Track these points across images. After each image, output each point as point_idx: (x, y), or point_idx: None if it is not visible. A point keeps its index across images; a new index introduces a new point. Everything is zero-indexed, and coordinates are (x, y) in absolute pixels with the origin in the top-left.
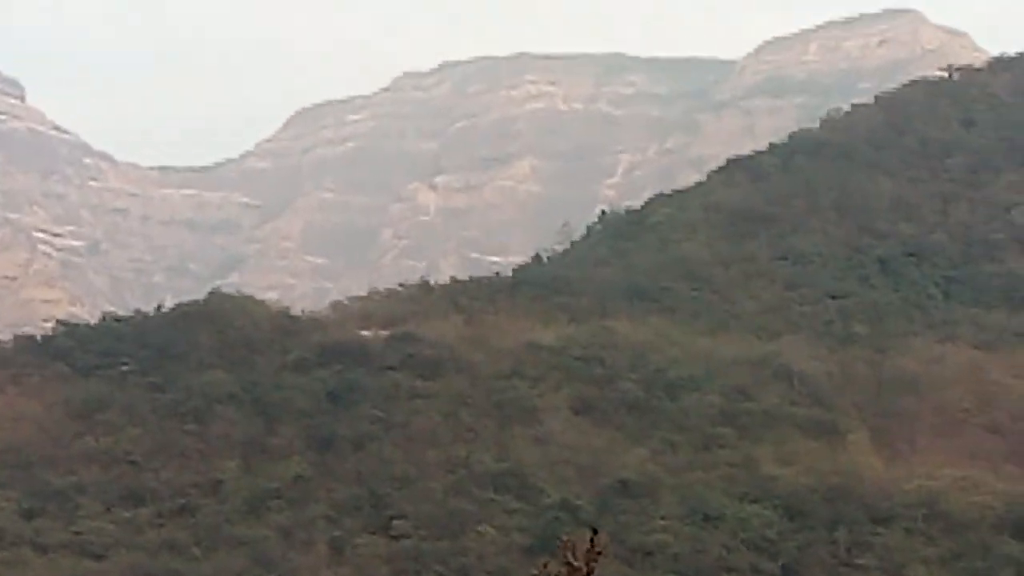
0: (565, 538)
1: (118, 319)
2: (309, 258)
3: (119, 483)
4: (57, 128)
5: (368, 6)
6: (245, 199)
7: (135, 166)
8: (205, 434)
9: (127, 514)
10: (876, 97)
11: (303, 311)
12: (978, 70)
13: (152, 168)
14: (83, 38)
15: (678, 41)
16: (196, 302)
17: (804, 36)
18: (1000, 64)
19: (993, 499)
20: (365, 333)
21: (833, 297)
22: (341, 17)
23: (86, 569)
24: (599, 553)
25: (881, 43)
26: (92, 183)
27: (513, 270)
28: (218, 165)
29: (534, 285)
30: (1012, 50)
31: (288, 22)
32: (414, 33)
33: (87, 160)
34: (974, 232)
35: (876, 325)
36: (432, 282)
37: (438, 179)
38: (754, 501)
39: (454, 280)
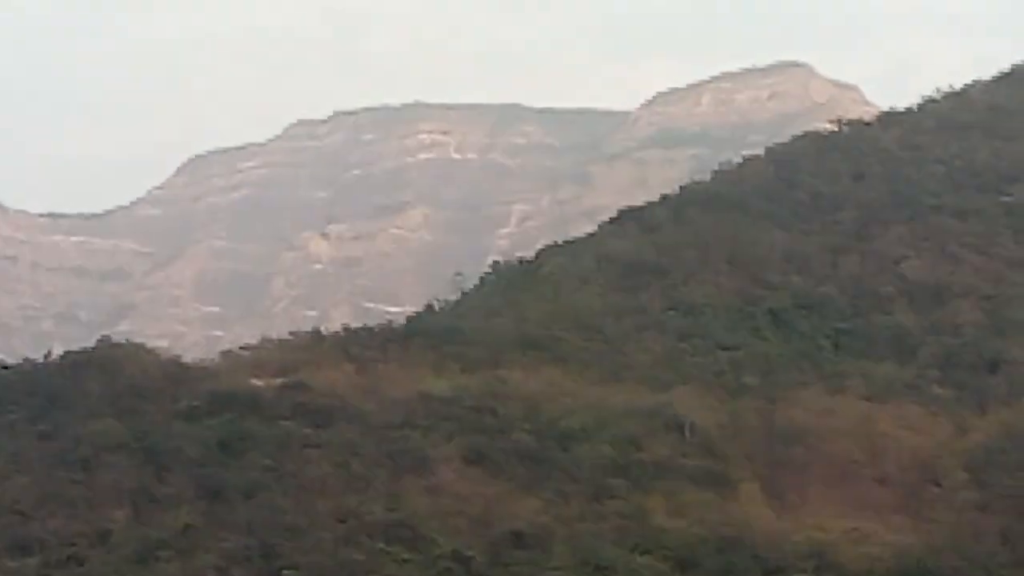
0: None
1: (6, 367)
2: (200, 306)
3: (6, 533)
4: None
5: (260, 53)
6: (136, 246)
7: (23, 212)
8: (94, 483)
9: (13, 564)
10: (767, 150)
11: (194, 359)
12: (868, 124)
13: (42, 215)
14: None
15: (571, 92)
16: (86, 350)
17: (696, 89)
18: (890, 118)
19: (882, 550)
20: (256, 382)
21: (724, 348)
22: (232, 63)
23: None
24: None
25: (772, 96)
26: None
27: (406, 319)
28: (108, 212)
29: (426, 335)
30: (901, 104)
31: (178, 69)
32: (307, 81)
33: None
34: (864, 284)
35: (767, 376)
36: (324, 331)
37: (331, 228)
38: (646, 552)
39: (346, 329)
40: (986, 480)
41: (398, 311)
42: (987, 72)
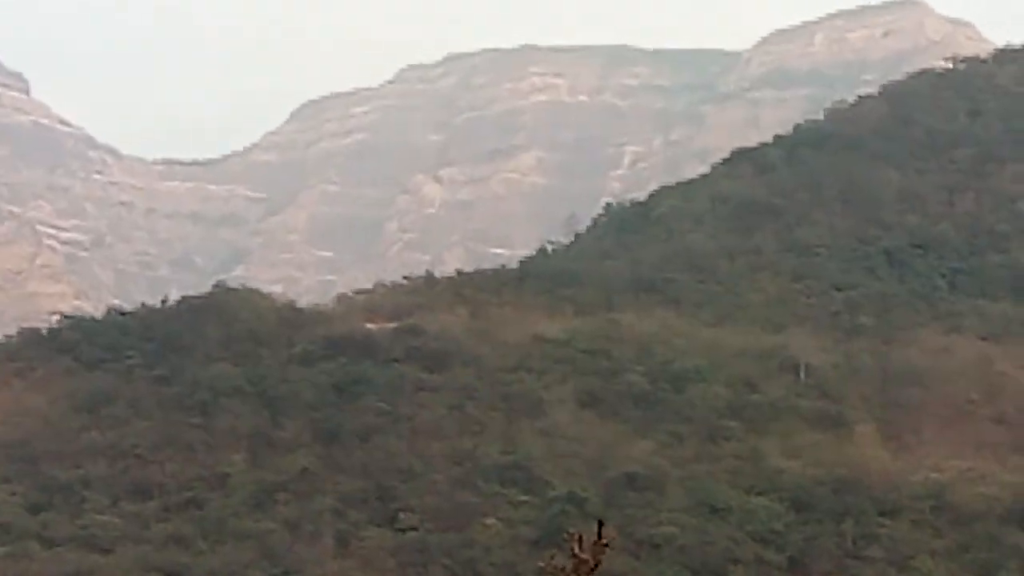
0: (572, 531)
1: (123, 313)
2: (314, 251)
3: (125, 477)
4: (62, 122)
5: None
6: (250, 192)
7: (140, 160)
8: (211, 427)
9: (133, 508)
10: (881, 88)
11: (308, 304)
12: (983, 61)
13: (156, 162)
14: (87, 31)
15: (683, 33)
16: (201, 295)
17: (809, 28)
18: (1005, 55)
19: (999, 490)
20: (370, 326)
21: (839, 289)
22: (345, 9)
23: (92, 563)
24: (606, 545)
25: (886, 34)
26: (97, 176)
27: (519, 262)
28: (223, 158)
29: (539, 278)
30: (1017, 41)
31: (292, 14)
32: (419, 25)
33: (91, 154)
34: (980, 223)
35: (882, 317)
36: (437, 275)
37: (443, 171)
38: (760, 493)
39: (459, 273)
40: None
41: (511, 254)
42: None
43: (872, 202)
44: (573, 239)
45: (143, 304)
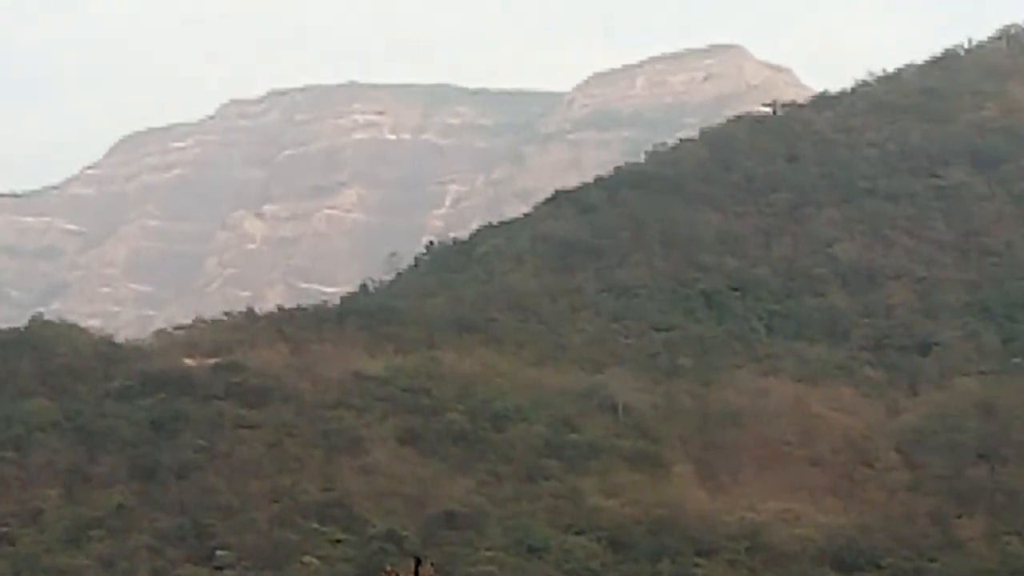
0: (389, 568)
1: None
2: (133, 286)
3: None
4: None
5: (194, 33)
6: (68, 225)
7: None
8: (25, 462)
9: None
10: (701, 132)
11: (127, 339)
12: (801, 106)
13: None
14: None
15: (505, 73)
16: (17, 329)
17: (630, 71)
18: (822, 101)
19: (815, 531)
20: (189, 362)
21: (658, 330)
22: (164, 42)
23: None
24: None
25: (706, 78)
26: None
27: (340, 299)
28: (40, 191)
29: (361, 315)
30: (834, 87)
31: (113, 48)
32: (241, 60)
33: None
34: (796, 267)
35: (701, 358)
36: (258, 311)
37: (265, 207)
38: (579, 532)
39: (280, 309)
40: (917, 461)
41: (333, 291)
42: (919, 55)
43: (691, 244)
44: (395, 277)
45: None
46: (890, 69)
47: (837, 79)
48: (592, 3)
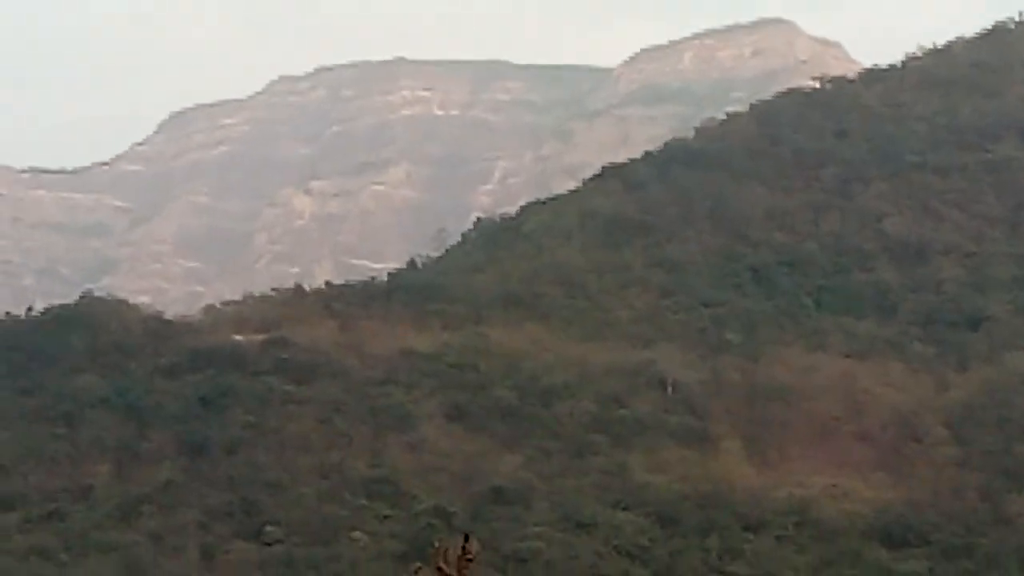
0: (437, 544)
1: None
2: (182, 262)
3: None
4: None
5: (241, 9)
6: (117, 202)
7: (6, 168)
8: (75, 439)
9: None
10: (750, 107)
11: (176, 315)
12: (850, 81)
13: (23, 170)
14: None
15: (554, 49)
16: (67, 305)
17: (678, 46)
18: (872, 76)
19: (862, 507)
20: (238, 338)
21: (706, 305)
22: (214, 19)
23: None
24: (470, 559)
25: (755, 53)
26: None
27: (388, 276)
28: (89, 168)
29: (409, 291)
30: (883, 61)
31: (160, 23)
32: (289, 36)
33: None
34: (845, 242)
35: (749, 333)
36: (306, 287)
37: (313, 184)
38: (626, 508)
39: (328, 285)
40: (966, 437)
41: (380, 268)
42: (969, 30)
43: (740, 220)
44: (443, 253)
45: (7, 314)
46: (939, 43)
47: (887, 54)
48: None
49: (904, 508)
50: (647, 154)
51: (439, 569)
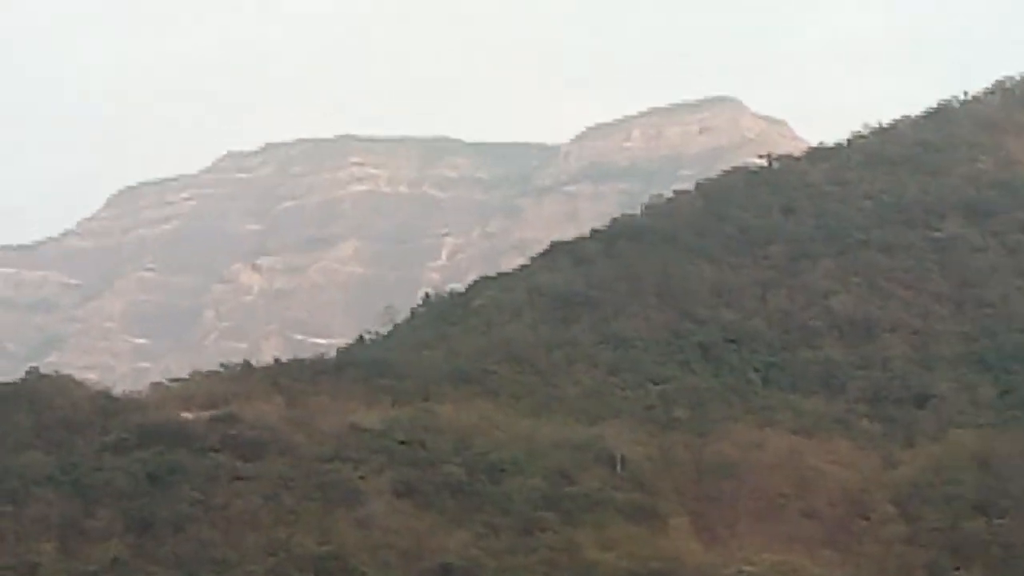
0: None
1: None
2: (130, 338)
3: None
4: None
5: (190, 85)
6: (65, 278)
7: None
8: (21, 516)
9: None
10: (697, 184)
11: (123, 392)
12: (797, 159)
13: None
14: None
15: (502, 125)
16: (12, 382)
17: (626, 123)
18: (818, 154)
19: None
20: (186, 414)
21: (654, 382)
22: (160, 96)
23: None
24: None
25: (702, 131)
26: None
27: (337, 352)
28: (36, 244)
29: (357, 367)
30: (828, 139)
31: (107, 100)
32: (237, 113)
33: None
34: (792, 319)
35: (696, 410)
36: (254, 363)
37: (261, 260)
38: None
39: (276, 361)
40: (913, 514)
41: (329, 343)
42: (913, 108)
43: (687, 296)
44: (391, 329)
45: None
46: (885, 122)
47: (833, 132)
48: (588, 57)
49: None
50: (595, 231)
51: None
